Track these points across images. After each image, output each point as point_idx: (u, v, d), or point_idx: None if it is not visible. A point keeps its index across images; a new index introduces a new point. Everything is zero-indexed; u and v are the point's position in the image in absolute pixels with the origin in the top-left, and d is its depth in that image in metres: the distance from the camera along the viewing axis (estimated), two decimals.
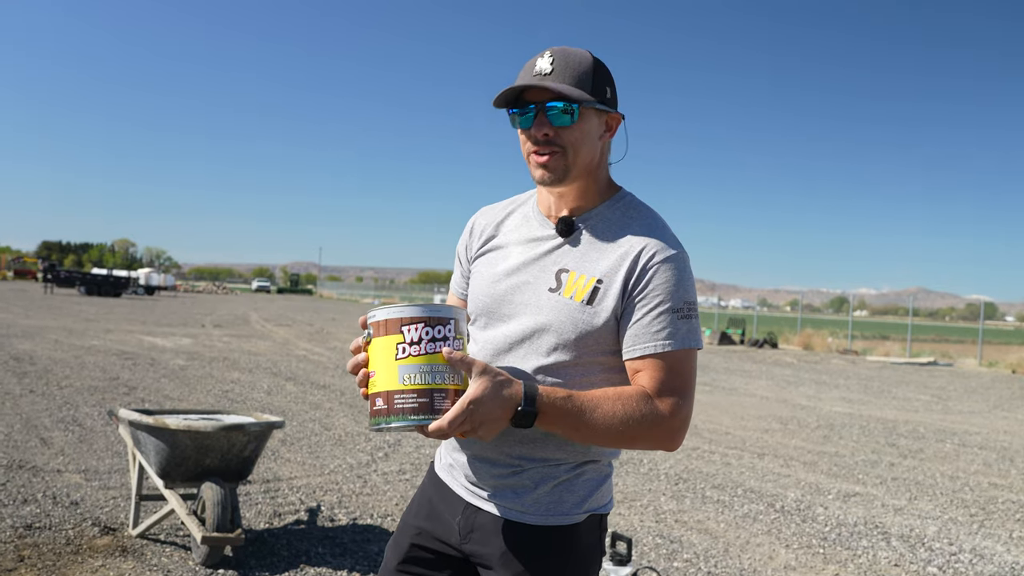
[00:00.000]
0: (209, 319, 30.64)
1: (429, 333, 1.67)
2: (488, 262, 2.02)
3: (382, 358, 1.69)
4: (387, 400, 1.66)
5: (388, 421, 1.66)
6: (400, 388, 1.65)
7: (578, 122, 1.84)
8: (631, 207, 1.95)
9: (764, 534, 6.01)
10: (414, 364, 1.66)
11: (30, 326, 21.18)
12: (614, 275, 1.83)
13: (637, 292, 1.82)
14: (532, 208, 2.02)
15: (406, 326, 1.67)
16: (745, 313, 54.71)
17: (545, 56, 1.86)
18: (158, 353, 16.17)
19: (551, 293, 1.87)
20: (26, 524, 5.07)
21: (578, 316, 1.83)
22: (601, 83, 1.87)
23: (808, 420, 12.31)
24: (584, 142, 1.86)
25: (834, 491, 7.53)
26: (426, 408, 1.64)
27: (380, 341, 1.70)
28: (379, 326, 1.70)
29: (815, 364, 25.18)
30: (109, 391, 10.78)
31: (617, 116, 1.93)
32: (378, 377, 1.68)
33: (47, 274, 53.91)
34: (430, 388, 1.65)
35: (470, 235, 2.11)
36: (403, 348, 1.66)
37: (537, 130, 1.84)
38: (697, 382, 16.78)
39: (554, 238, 1.93)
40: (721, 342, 33.64)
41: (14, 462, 6.59)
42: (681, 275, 1.84)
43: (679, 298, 1.82)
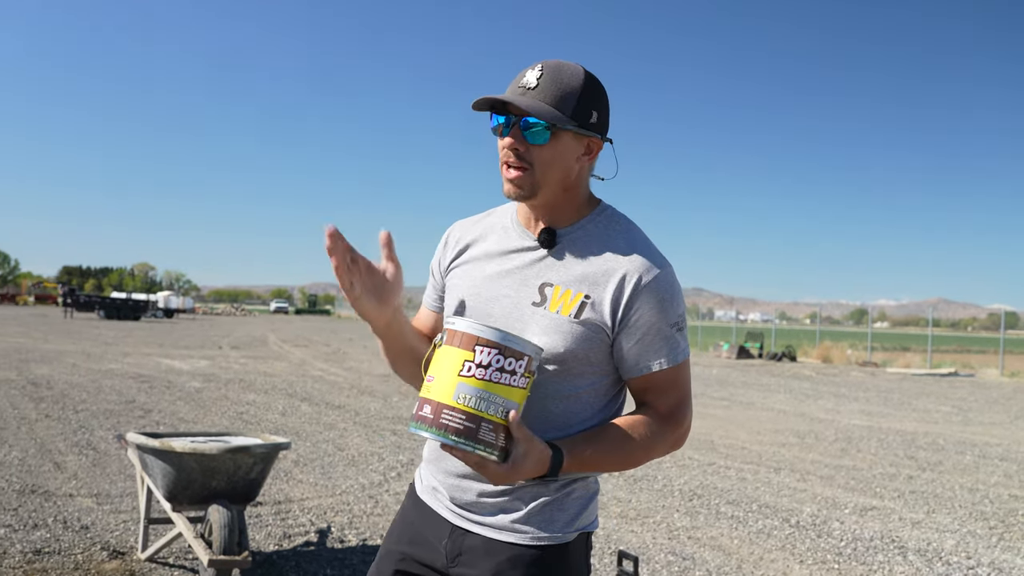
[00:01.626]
0: (226, 341, 30.75)
1: (500, 362, 1.64)
2: (464, 274, 2.00)
3: (446, 368, 1.65)
4: (435, 411, 1.62)
5: (427, 431, 1.63)
6: (452, 404, 1.61)
7: (550, 143, 1.81)
8: (613, 221, 1.94)
9: (778, 550, 5.95)
10: (474, 386, 1.62)
11: (49, 350, 21.31)
12: (602, 291, 1.83)
13: (632, 312, 1.82)
14: (511, 219, 2.00)
15: (480, 346, 1.63)
16: (764, 327, 54.45)
17: (535, 69, 1.83)
18: (175, 376, 16.22)
19: (535, 308, 1.86)
20: (35, 549, 5.08)
21: (567, 330, 1.82)
22: (586, 105, 1.83)
23: (826, 433, 12.20)
24: (555, 163, 1.84)
25: (851, 505, 7.45)
26: (471, 434, 1.61)
27: (450, 351, 1.66)
28: (454, 336, 1.66)
29: (834, 377, 25.01)
30: (125, 414, 10.81)
31: (598, 141, 1.89)
32: (435, 384, 1.65)
33: (67, 298, 54.34)
34: (480, 416, 1.61)
35: (444, 247, 2.10)
36: (470, 367, 1.63)
37: (510, 141, 1.83)
38: (714, 397, 16.75)
39: (536, 249, 1.92)
40: (739, 356, 33.50)
41: (27, 487, 6.61)
42: (672, 290, 1.86)
43: (673, 312, 1.85)
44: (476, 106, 1.85)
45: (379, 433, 10.19)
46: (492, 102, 1.84)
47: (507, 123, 1.83)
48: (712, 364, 29.08)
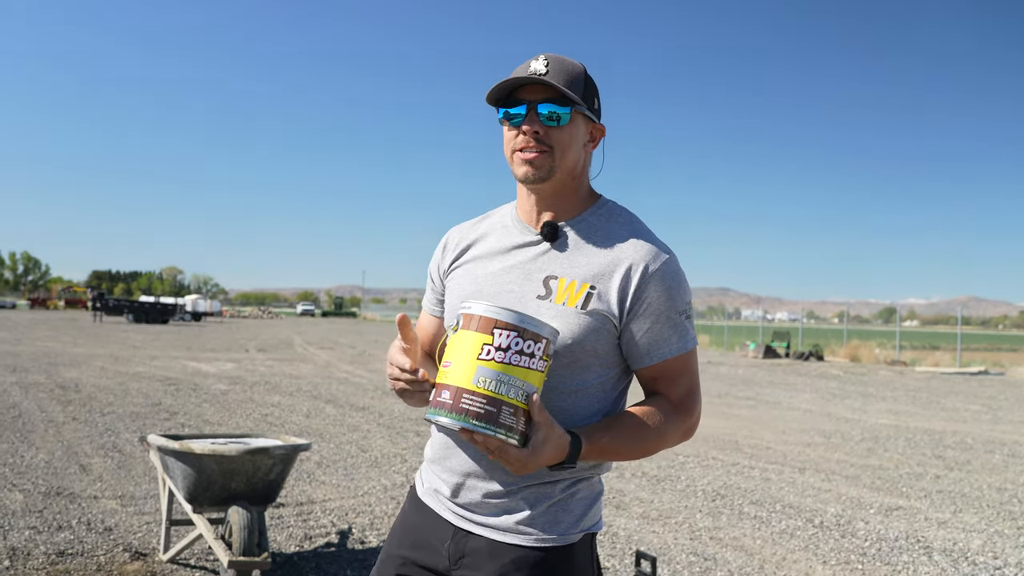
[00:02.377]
0: (253, 344, 30.94)
1: (519, 344, 1.62)
2: (465, 273, 2.00)
3: (464, 352, 1.63)
4: (454, 396, 1.61)
5: (447, 416, 1.61)
6: (472, 389, 1.60)
7: (568, 125, 1.85)
8: (614, 213, 1.96)
9: (801, 550, 5.90)
10: (493, 370, 1.60)
11: (78, 354, 21.52)
12: (607, 281, 1.84)
13: (640, 301, 1.84)
14: (511, 217, 2.01)
15: (499, 329, 1.62)
16: (791, 326, 54.12)
17: (540, 59, 1.86)
18: (201, 378, 16.33)
19: (541, 300, 1.86)
20: (59, 551, 5.12)
21: (574, 322, 1.82)
22: (591, 93, 1.89)
23: (852, 433, 12.10)
24: (571, 145, 1.87)
25: (876, 505, 7.38)
26: (491, 418, 1.59)
27: (467, 335, 1.64)
28: (471, 320, 1.65)
29: (862, 376, 24.80)
30: (151, 417, 10.89)
31: (601, 128, 1.95)
32: (453, 369, 1.63)
33: (96, 303, 54.97)
34: (501, 399, 1.60)
35: (442, 251, 2.10)
36: (489, 350, 1.61)
37: (528, 128, 1.84)
38: (740, 397, 16.65)
39: (538, 243, 1.92)
40: (766, 355, 33.29)
41: (52, 489, 6.67)
42: (677, 278, 1.88)
43: (680, 301, 1.88)
44: (491, 97, 1.87)
45: (402, 435, 10.21)
46: (506, 90, 1.86)
47: (523, 111, 1.85)
48: (738, 364, 28.92)
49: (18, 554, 5.01)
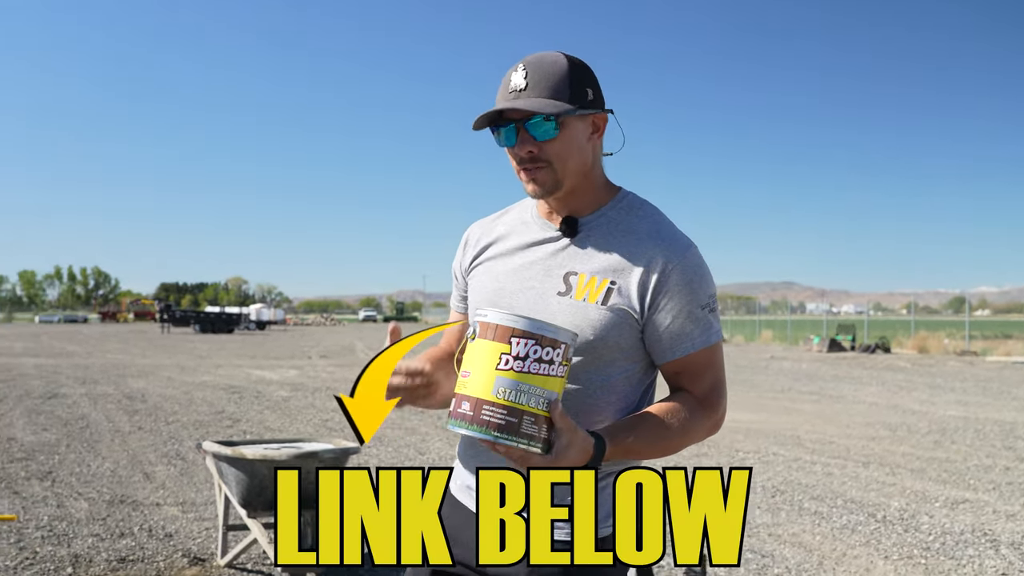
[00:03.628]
0: (315, 350, 31.32)
1: (537, 352, 1.59)
2: (486, 270, 1.99)
3: (481, 362, 1.60)
4: (474, 407, 1.58)
5: (468, 428, 1.59)
6: (491, 400, 1.57)
7: (561, 133, 1.81)
8: (634, 206, 1.92)
9: (862, 545, 5.78)
10: (513, 379, 1.57)
11: (145, 365, 22.01)
12: (628, 276, 1.81)
13: (661, 296, 1.81)
14: (531, 213, 1.99)
15: (516, 338, 1.59)
16: (856, 318, 53.17)
17: (519, 70, 1.82)
18: (264, 386, 16.58)
19: (561, 297, 1.84)
20: (120, 557, 5.23)
21: (595, 317, 1.80)
22: (580, 87, 1.82)
23: (919, 426, 11.84)
24: (571, 152, 1.83)
25: (942, 499, 7.21)
26: (512, 429, 1.57)
27: (484, 344, 1.61)
28: (487, 329, 1.62)
29: (930, 367, 24.27)
30: (214, 425, 11.08)
31: (603, 116, 1.89)
32: (472, 380, 1.60)
33: (163, 314, 56.15)
34: (521, 409, 1.57)
35: (463, 248, 2.10)
36: (507, 359, 1.58)
37: (520, 148, 1.82)
38: (803, 391, 16.40)
39: (558, 240, 1.90)
40: (830, 349, 32.72)
41: (116, 497, 6.82)
42: (700, 271, 1.84)
43: (704, 293, 1.83)
44: (477, 126, 1.85)
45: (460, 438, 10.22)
46: (489, 117, 1.83)
47: (512, 131, 1.82)
48: (802, 358, 28.51)
49: (80, 561, 5.13)
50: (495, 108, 1.81)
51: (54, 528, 5.82)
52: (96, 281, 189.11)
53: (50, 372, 19.27)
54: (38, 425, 10.81)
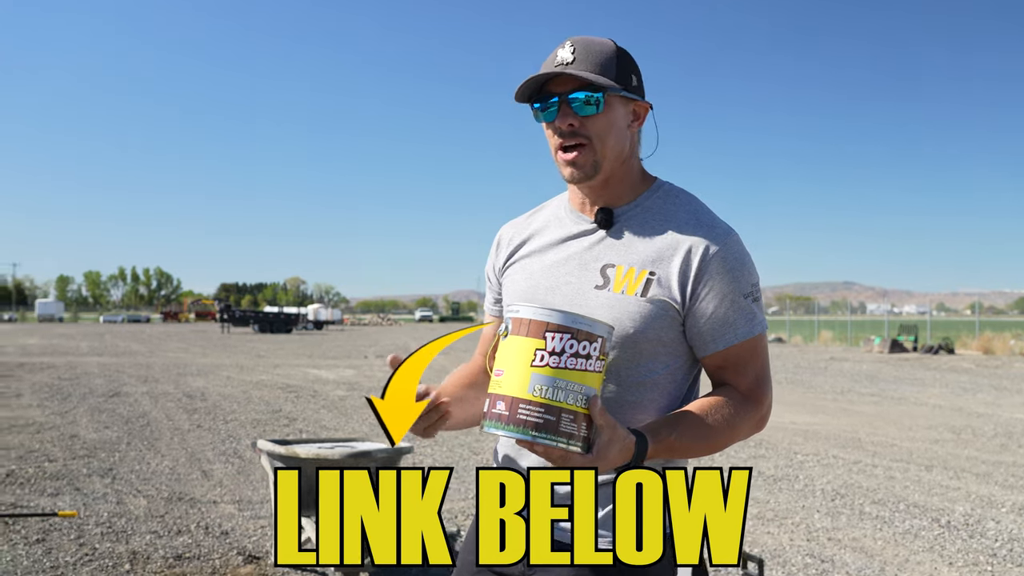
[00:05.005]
0: (372, 350, 31.56)
1: (573, 347, 1.53)
2: (521, 268, 1.95)
3: (516, 359, 1.54)
4: (510, 407, 1.52)
5: (504, 429, 1.53)
6: (528, 398, 1.51)
7: (604, 111, 1.77)
8: (671, 195, 1.87)
9: (926, 551, 5.63)
10: (549, 376, 1.51)
11: (206, 364, 22.36)
12: (667, 266, 1.76)
13: (702, 286, 1.75)
14: (564, 208, 1.94)
15: (551, 332, 1.53)
16: (919, 319, 52.17)
17: (566, 46, 1.79)
18: (320, 385, 16.73)
19: (599, 291, 1.79)
20: (176, 554, 5.28)
21: (635, 310, 1.75)
22: (626, 70, 1.79)
23: (984, 428, 11.54)
24: (611, 132, 1.79)
25: (1008, 504, 7.00)
26: (551, 427, 1.51)
27: (517, 341, 1.56)
28: (520, 324, 1.56)
29: (995, 369, 23.68)
30: (271, 423, 11.20)
31: (644, 104, 1.85)
32: (506, 378, 1.54)
33: (223, 314, 56.97)
34: (559, 407, 1.51)
35: (496, 250, 2.05)
36: (542, 355, 1.52)
37: (561, 121, 1.78)
38: (863, 392, 16.09)
39: (593, 232, 1.85)
40: (892, 350, 32.12)
41: (175, 494, 6.90)
42: (742, 258, 1.79)
43: (746, 282, 1.78)
44: (519, 95, 1.81)
45: None
46: (534, 86, 1.80)
47: (554, 103, 1.78)
48: (862, 359, 28.01)
49: (138, 558, 5.20)
50: (539, 73, 1.77)
51: (113, 525, 5.91)
52: (159, 282, 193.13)
53: (113, 371, 19.67)
54: (100, 423, 11.01)
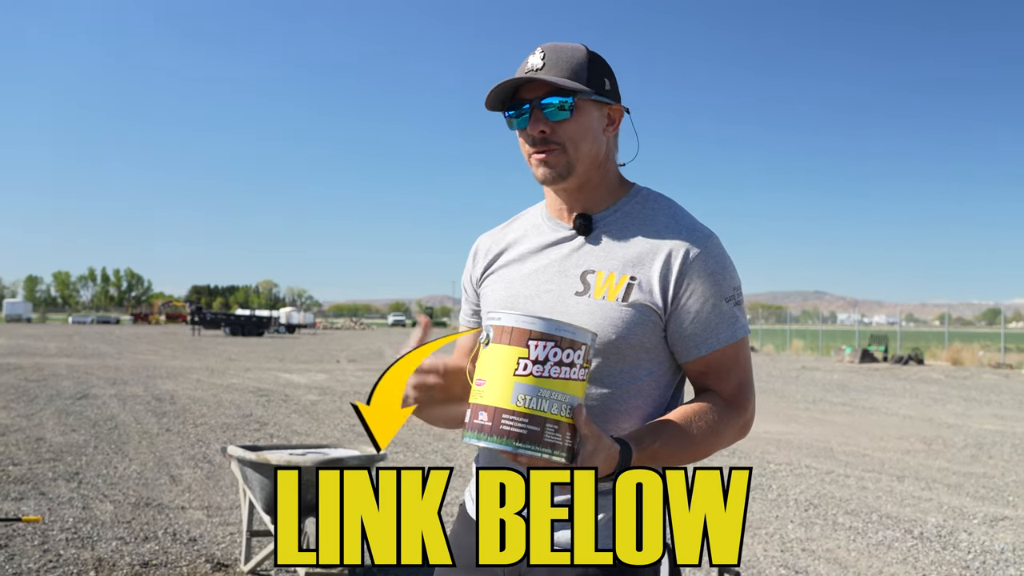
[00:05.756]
0: (344, 355, 31.41)
1: (557, 355, 1.48)
2: (499, 278, 1.91)
3: (498, 368, 1.49)
4: (493, 417, 1.47)
5: (487, 440, 1.48)
6: (511, 408, 1.46)
7: (576, 115, 1.74)
8: (650, 200, 1.85)
9: (899, 563, 5.63)
10: (533, 385, 1.47)
11: (175, 367, 22.13)
12: (648, 270, 1.73)
13: (683, 290, 1.73)
14: (542, 215, 1.91)
15: (534, 341, 1.48)
16: (889, 329, 52.58)
17: (536, 53, 1.76)
18: (292, 389, 16.59)
19: (579, 297, 1.75)
20: (143, 561, 5.18)
21: (616, 316, 1.72)
22: (598, 74, 1.77)
23: (955, 439, 11.61)
24: (585, 136, 1.76)
25: (980, 515, 7.03)
26: (535, 438, 1.46)
27: (499, 349, 1.50)
28: (502, 332, 1.51)
29: (964, 380, 23.89)
30: (241, 428, 11.07)
31: (620, 108, 1.83)
32: (488, 388, 1.49)
33: (194, 316, 56.52)
34: (543, 416, 1.47)
35: (473, 260, 2.02)
36: (525, 364, 1.47)
37: (533, 128, 1.75)
38: (834, 402, 16.17)
39: (572, 239, 1.82)
40: (862, 360, 32.35)
41: (142, 499, 6.79)
42: (723, 261, 1.77)
43: (728, 286, 1.76)
44: (489, 103, 1.78)
45: None
46: (504, 94, 1.77)
47: (526, 110, 1.76)
48: (833, 369, 28.19)
49: (104, 564, 5.09)
50: (507, 79, 1.74)
51: (79, 530, 5.79)
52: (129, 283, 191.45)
53: (81, 372, 19.42)
54: (67, 426, 10.85)
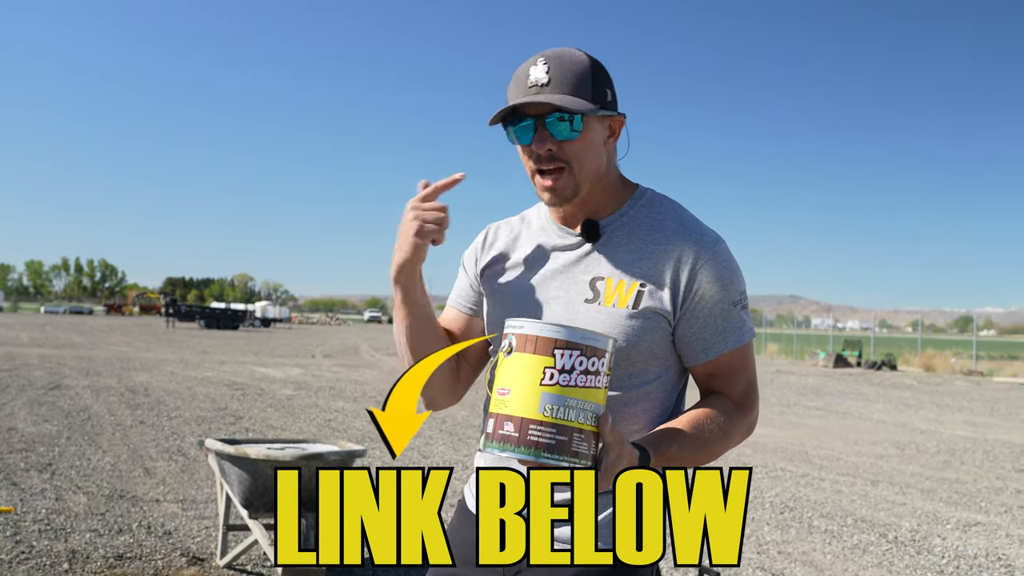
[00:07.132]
0: (320, 350, 31.27)
1: (583, 363, 1.47)
2: (505, 282, 1.89)
3: (523, 378, 1.48)
4: (520, 428, 1.46)
5: (515, 451, 1.47)
6: (539, 419, 1.45)
7: (582, 134, 1.71)
8: (655, 203, 1.84)
9: (874, 567, 5.66)
10: (560, 395, 1.46)
11: (149, 359, 21.95)
12: (658, 276, 1.74)
13: (692, 294, 1.74)
14: (546, 218, 1.89)
15: (559, 349, 1.47)
16: (862, 334, 52.94)
17: (539, 64, 1.71)
18: (267, 383, 16.50)
19: (589, 304, 1.75)
20: (117, 554, 5.13)
21: (627, 323, 1.72)
22: (601, 86, 1.73)
23: (927, 445, 11.71)
24: (589, 153, 1.74)
25: (953, 520, 7.09)
26: (563, 448, 1.45)
27: (523, 358, 1.49)
28: (526, 341, 1.49)
29: (937, 386, 24.10)
30: (216, 421, 10.99)
31: (620, 119, 1.80)
32: (513, 398, 1.48)
33: (168, 308, 56.05)
34: (571, 426, 1.46)
35: (482, 245, 1.99)
36: (551, 374, 1.46)
37: (539, 146, 1.72)
38: (809, 406, 16.27)
39: (579, 245, 1.81)
40: (836, 365, 32.59)
41: (116, 492, 6.72)
42: (731, 266, 1.78)
43: (735, 290, 1.78)
44: (495, 121, 1.74)
45: (464, 441, 10.14)
46: (511, 111, 1.73)
47: (529, 127, 1.72)
48: (808, 373, 28.37)
49: (77, 557, 5.03)
50: (520, 101, 1.69)
51: (51, 522, 5.73)
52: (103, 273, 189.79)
53: (54, 363, 19.23)
54: (39, 416, 10.73)
